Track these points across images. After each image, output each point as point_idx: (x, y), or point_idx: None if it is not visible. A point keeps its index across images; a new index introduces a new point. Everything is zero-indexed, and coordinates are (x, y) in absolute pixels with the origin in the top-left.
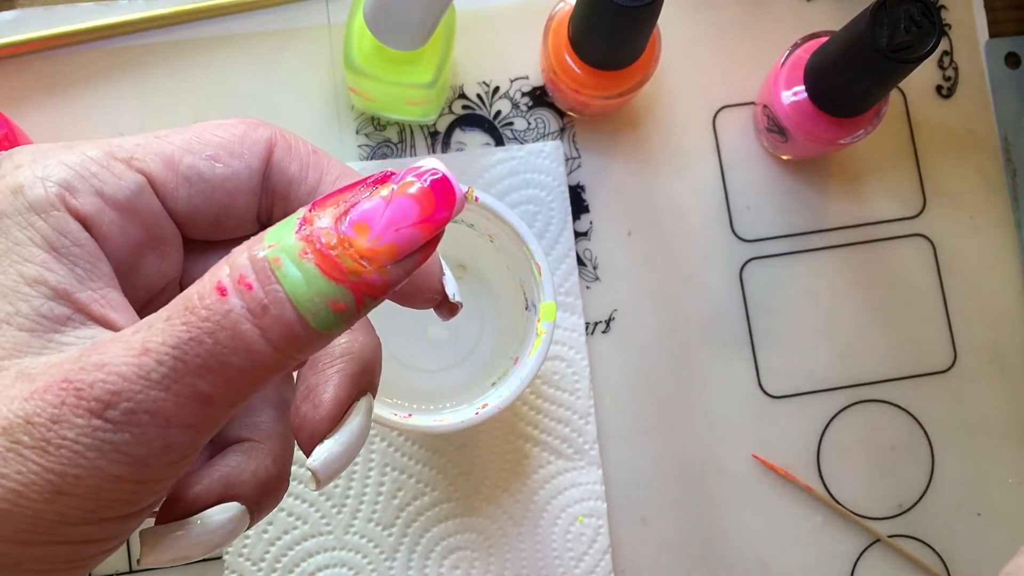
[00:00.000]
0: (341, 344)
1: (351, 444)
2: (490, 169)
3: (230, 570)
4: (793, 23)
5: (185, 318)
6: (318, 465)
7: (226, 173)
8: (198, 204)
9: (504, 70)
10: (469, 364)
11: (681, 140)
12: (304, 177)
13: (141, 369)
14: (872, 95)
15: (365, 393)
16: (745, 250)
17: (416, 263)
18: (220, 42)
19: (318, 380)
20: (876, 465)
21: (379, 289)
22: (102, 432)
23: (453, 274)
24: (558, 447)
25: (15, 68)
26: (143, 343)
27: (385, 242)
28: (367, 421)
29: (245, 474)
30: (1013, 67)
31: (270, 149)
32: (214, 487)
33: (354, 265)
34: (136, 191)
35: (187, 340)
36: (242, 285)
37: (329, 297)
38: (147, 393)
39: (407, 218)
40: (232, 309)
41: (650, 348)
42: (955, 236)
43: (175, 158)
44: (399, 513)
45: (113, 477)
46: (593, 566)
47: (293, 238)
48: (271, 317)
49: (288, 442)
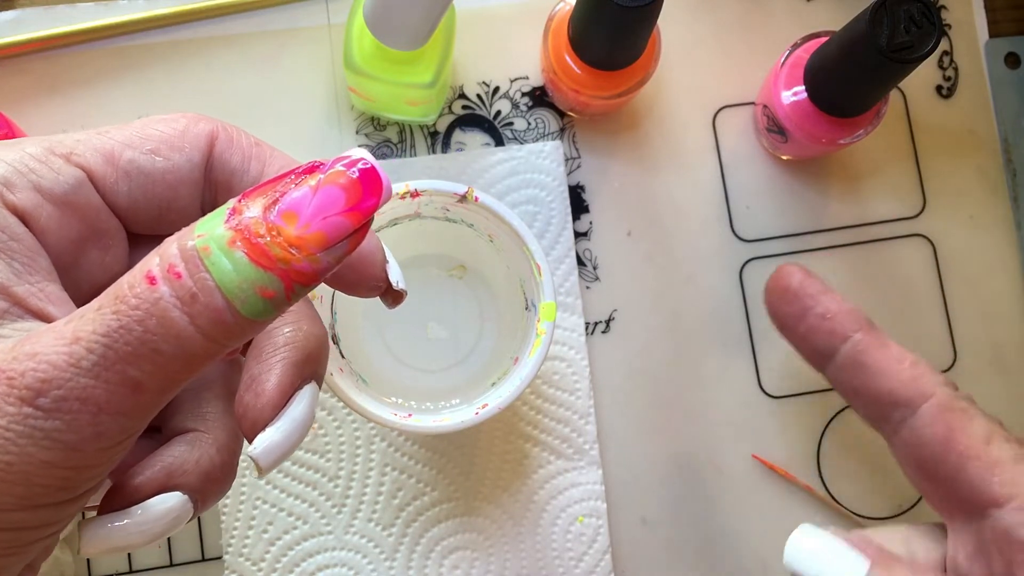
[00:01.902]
0: (285, 334)
1: (293, 431)
2: (490, 169)
3: (230, 570)
4: (793, 23)
5: (115, 307)
6: (258, 452)
7: (166, 166)
8: (139, 198)
9: (504, 70)
10: (469, 364)
11: (681, 140)
12: (246, 168)
13: (71, 357)
14: (872, 95)
15: (309, 381)
16: (745, 250)
17: (346, 250)
18: (220, 42)
19: (261, 369)
20: (876, 465)
21: (309, 276)
22: (33, 419)
23: (454, 274)
24: (558, 447)
25: (15, 68)
26: (74, 332)
27: (313, 230)
28: (311, 409)
29: (188, 464)
30: (1013, 67)
31: (211, 142)
32: (156, 476)
33: (283, 253)
34: (75, 185)
35: (117, 328)
36: (171, 274)
37: (257, 284)
38: (77, 380)
39: (334, 206)
40: (161, 297)
41: (650, 348)
42: (955, 236)
43: (115, 153)
44: (399, 513)
45: (44, 463)
46: (593, 566)
47: (222, 227)
48: (200, 304)
49: (234, 432)
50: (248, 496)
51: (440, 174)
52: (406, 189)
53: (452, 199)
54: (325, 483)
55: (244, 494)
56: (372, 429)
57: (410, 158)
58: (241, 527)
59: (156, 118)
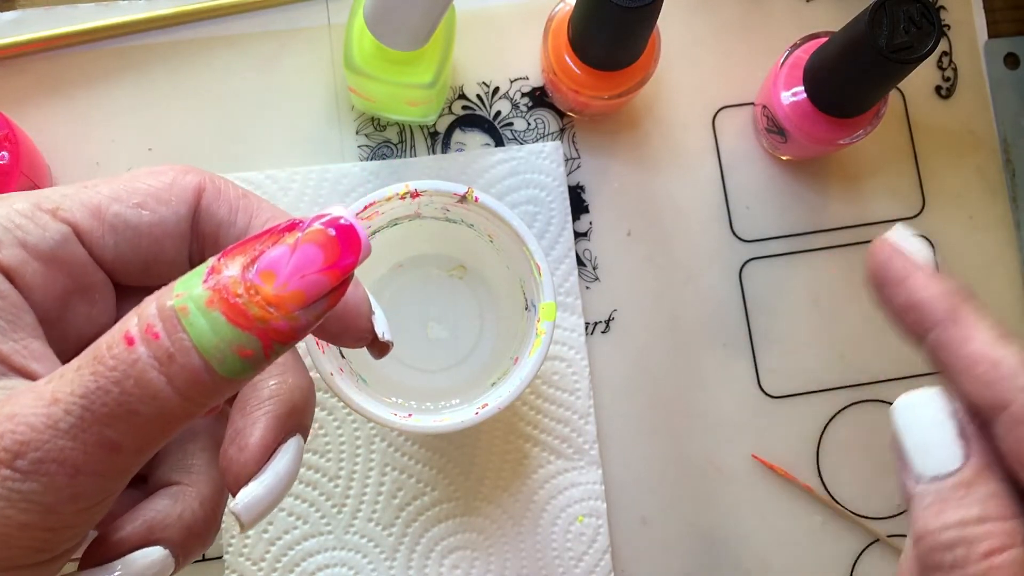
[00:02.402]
0: (269, 387)
1: (276, 486)
2: (490, 169)
3: (230, 570)
4: (792, 23)
5: (93, 367)
6: (240, 508)
7: (153, 220)
8: (125, 251)
9: (504, 70)
10: (469, 364)
11: (681, 140)
12: (233, 221)
13: (49, 419)
14: (871, 95)
15: (293, 435)
16: (745, 250)
17: (324, 308)
18: (220, 42)
19: (245, 423)
20: (875, 465)
21: (287, 335)
22: (11, 481)
23: (454, 274)
24: (558, 447)
25: (16, 68)
26: (53, 393)
27: (291, 289)
28: (295, 463)
29: (170, 518)
30: (1012, 67)
31: (198, 195)
32: (138, 531)
33: (260, 312)
34: (61, 241)
35: (95, 389)
36: (149, 334)
37: (235, 344)
38: (55, 443)
39: (312, 265)
40: (139, 358)
41: (650, 348)
42: (954, 236)
43: (102, 207)
44: (399, 513)
45: (22, 524)
46: (593, 566)
47: (200, 287)
48: (177, 365)
49: (219, 485)
50: None
51: (440, 174)
52: (406, 189)
53: (452, 199)
54: (325, 483)
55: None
56: (372, 429)
57: (410, 158)
58: None
59: (144, 171)
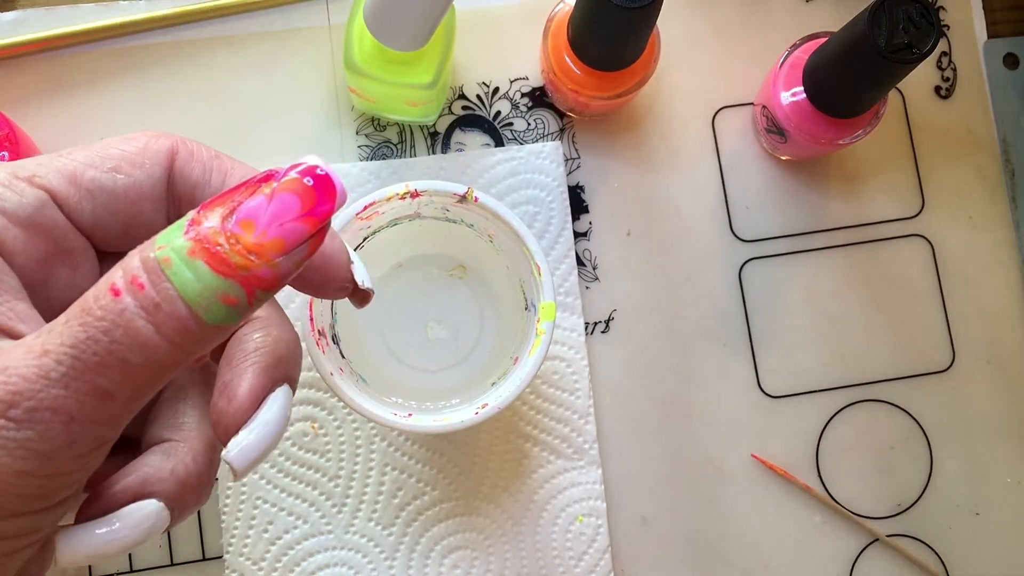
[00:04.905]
0: (255, 339)
1: (266, 434)
2: (490, 170)
3: (230, 569)
4: (792, 24)
5: (82, 319)
6: (232, 455)
7: (128, 183)
8: (103, 216)
9: (504, 71)
10: (469, 364)
11: (680, 140)
12: (208, 181)
13: (41, 369)
14: (871, 96)
15: (281, 384)
16: (744, 250)
17: (304, 255)
18: (220, 43)
19: (233, 375)
20: (875, 465)
21: (269, 281)
22: (5, 431)
23: (454, 274)
24: (558, 447)
25: (16, 68)
26: (43, 345)
27: (271, 236)
28: (284, 411)
29: (163, 472)
30: (1011, 68)
31: (171, 157)
32: (131, 485)
33: (242, 260)
34: (39, 206)
35: (84, 340)
36: (135, 285)
37: (219, 291)
38: (48, 391)
39: (290, 212)
40: (126, 308)
41: (650, 348)
42: (954, 236)
43: (77, 173)
44: (399, 513)
45: (18, 472)
46: (593, 565)
47: (182, 238)
48: (163, 313)
49: (211, 441)
50: (248, 496)
51: (440, 174)
52: (406, 189)
53: (452, 199)
54: (325, 483)
55: (244, 494)
56: (372, 429)
57: (410, 158)
58: (241, 526)
59: (116, 138)
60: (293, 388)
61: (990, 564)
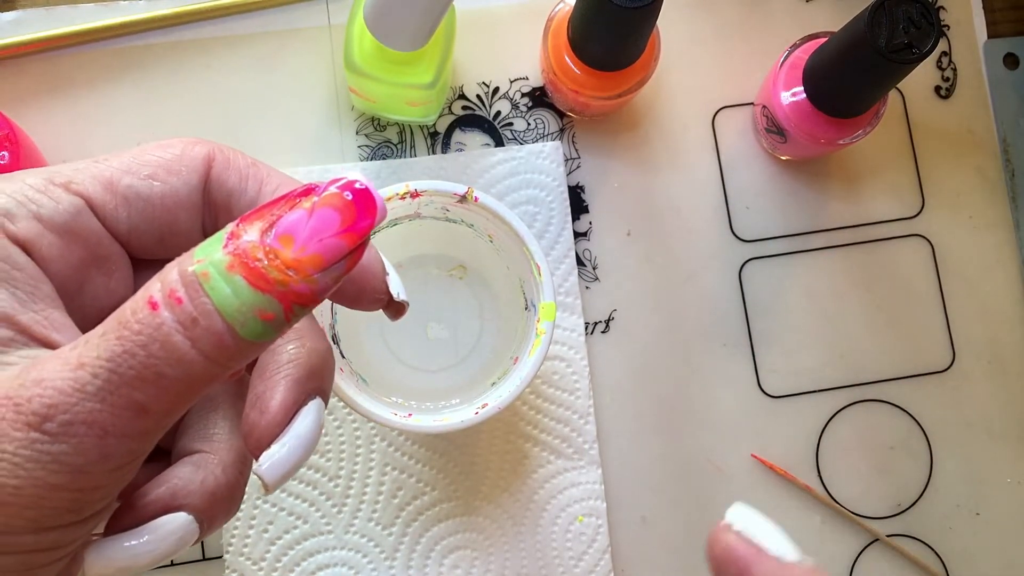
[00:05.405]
0: (288, 351)
1: (298, 447)
2: (490, 170)
3: (230, 569)
4: (792, 24)
5: (119, 332)
6: (264, 469)
7: (164, 191)
8: (139, 223)
9: (504, 71)
10: (469, 364)
11: (680, 140)
12: (244, 189)
13: (77, 382)
14: (871, 96)
15: (314, 397)
16: (744, 250)
17: (343, 271)
18: (221, 43)
19: (265, 387)
20: (875, 465)
21: (307, 297)
22: (40, 444)
23: (454, 274)
24: (558, 447)
25: (16, 69)
26: (79, 358)
27: (309, 252)
28: (316, 425)
29: (193, 484)
30: (1012, 68)
31: (208, 164)
32: (161, 497)
33: (280, 276)
34: (74, 213)
35: (121, 353)
36: (172, 299)
37: (256, 307)
38: (83, 405)
39: (330, 228)
40: (164, 322)
41: (650, 348)
42: (954, 236)
43: (113, 180)
44: (399, 513)
45: (53, 486)
46: (593, 565)
47: (220, 252)
48: (201, 328)
49: (242, 453)
50: (249, 496)
51: (440, 174)
52: (406, 189)
53: (452, 199)
54: (325, 483)
55: (245, 494)
56: (372, 429)
57: (410, 158)
58: (242, 526)
59: (153, 144)
60: (326, 400)
61: (990, 564)
